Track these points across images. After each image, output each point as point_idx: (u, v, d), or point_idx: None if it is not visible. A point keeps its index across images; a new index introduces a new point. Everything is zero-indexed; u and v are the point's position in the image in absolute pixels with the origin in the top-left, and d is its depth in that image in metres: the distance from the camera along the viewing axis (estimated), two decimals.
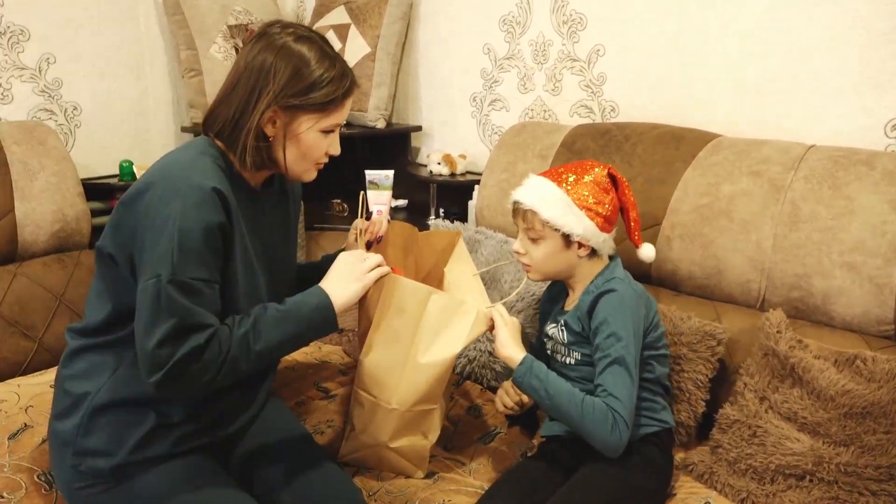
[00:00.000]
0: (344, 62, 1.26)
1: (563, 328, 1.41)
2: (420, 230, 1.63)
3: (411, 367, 1.33)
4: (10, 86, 2.19)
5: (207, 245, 1.15)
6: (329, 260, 1.55)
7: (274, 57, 1.19)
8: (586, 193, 1.35)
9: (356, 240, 1.44)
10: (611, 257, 1.44)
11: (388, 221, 1.52)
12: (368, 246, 1.48)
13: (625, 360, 1.27)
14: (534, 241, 1.38)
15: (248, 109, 1.19)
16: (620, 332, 1.29)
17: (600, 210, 1.35)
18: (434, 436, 1.42)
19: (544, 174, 1.41)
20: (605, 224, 1.36)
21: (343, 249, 1.50)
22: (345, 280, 1.28)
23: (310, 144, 1.24)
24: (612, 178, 1.39)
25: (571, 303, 1.43)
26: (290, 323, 1.21)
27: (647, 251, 1.47)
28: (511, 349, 1.31)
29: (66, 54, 2.30)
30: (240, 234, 1.23)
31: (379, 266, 1.31)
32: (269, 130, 1.22)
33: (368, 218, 1.50)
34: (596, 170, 1.38)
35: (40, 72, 2.25)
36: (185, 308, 1.12)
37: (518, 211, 1.39)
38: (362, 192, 1.53)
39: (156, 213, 1.13)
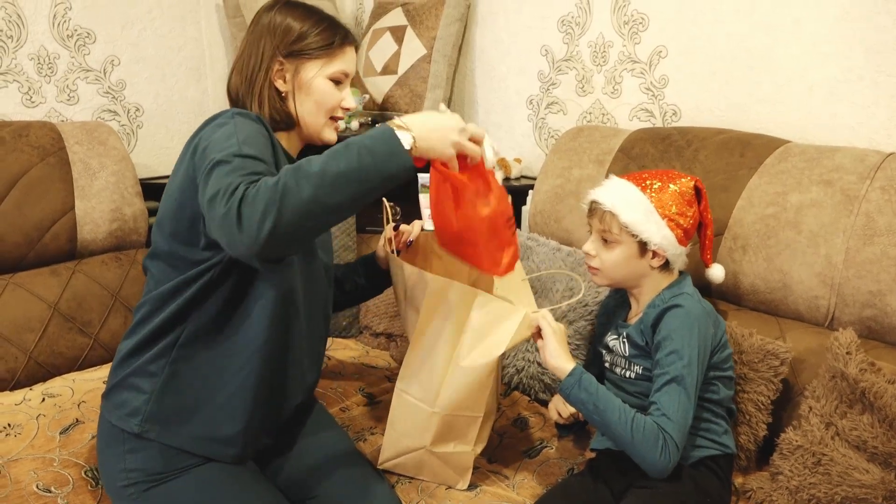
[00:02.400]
0: (335, 18, 1.33)
1: (625, 341, 1.35)
2: None
3: (453, 369, 1.30)
4: (76, 87, 2.25)
5: (265, 148, 1.16)
6: (364, 262, 1.56)
7: (265, 27, 1.29)
8: (670, 203, 1.30)
9: (384, 246, 1.44)
10: (680, 272, 1.38)
11: (422, 229, 1.53)
12: (396, 254, 1.47)
13: (684, 380, 1.21)
14: (607, 243, 1.32)
15: (257, 68, 1.27)
16: (683, 350, 1.23)
17: (682, 222, 1.30)
18: (480, 446, 1.39)
19: (626, 177, 1.37)
20: (684, 237, 1.32)
21: (374, 253, 1.53)
22: (435, 125, 1.11)
23: (321, 93, 1.29)
24: (697, 192, 1.35)
25: (635, 315, 1.38)
26: (352, 149, 1.03)
27: (716, 272, 1.44)
28: (560, 359, 1.25)
29: (130, 56, 2.35)
30: None
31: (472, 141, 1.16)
32: (280, 86, 1.28)
33: (397, 227, 1.49)
34: (683, 180, 1.33)
35: (105, 73, 2.30)
36: (250, 165, 1.05)
37: (595, 211, 1.34)
38: (384, 200, 1.50)
39: (212, 134, 1.14)
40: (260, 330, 1.24)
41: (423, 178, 2.25)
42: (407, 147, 1.06)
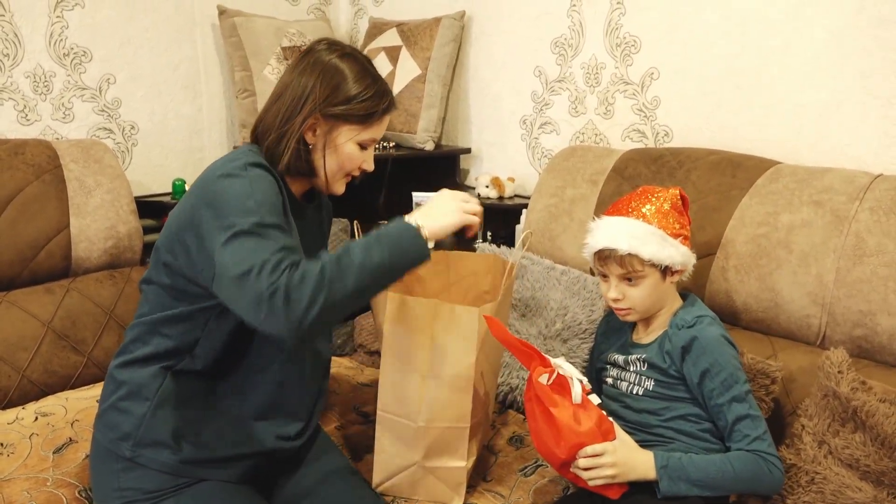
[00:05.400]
0: (384, 81, 1.32)
1: (642, 361, 1.37)
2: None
3: (429, 381, 1.31)
4: (71, 105, 2.25)
5: (280, 210, 1.18)
6: None
7: (319, 72, 1.26)
8: (671, 220, 1.34)
9: None
10: (685, 295, 1.42)
11: None
12: None
13: (746, 398, 1.26)
14: (631, 282, 1.34)
15: (292, 116, 1.26)
16: (734, 373, 1.27)
17: (685, 232, 1.36)
18: (471, 460, 1.39)
19: (615, 213, 1.38)
20: (690, 244, 1.37)
21: None
22: (438, 211, 1.21)
23: (348, 155, 1.30)
24: (682, 199, 1.40)
25: (647, 336, 1.40)
26: (382, 244, 1.12)
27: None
28: (636, 470, 1.22)
29: (126, 75, 2.36)
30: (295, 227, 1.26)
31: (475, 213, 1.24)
32: (309, 138, 1.28)
33: None
34: (667, 194, 1.37)
35: (100, 91, 2.31)
36: (276, 238, 1.10)
37: (609, 258, 1.33)
38: (356, 221, 1.52)
39: (227, 188, 1.15)
40: (256, 359, 1.26)
41: (418, 196, 2.27)
42: (425, 238, 1.16)
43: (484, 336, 1.31)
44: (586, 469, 1.20)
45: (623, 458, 1.21)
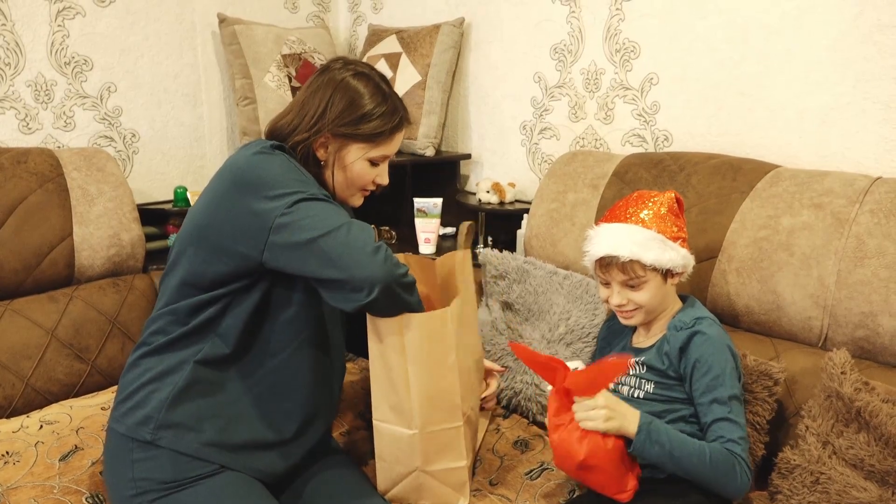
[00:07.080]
0: (397, 99, 1.37)
1: (642, 364, 1.38)
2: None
3: (414, 387, 1.32)
4: (72, 113, 2.26)
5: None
6: None
7: (332, 90, 1.32)
8: (670, 224, 1.35)
9: None
10: (685, 297, 1.43)
11: None
12: None
13: (733, 401, 1.27)
14: (634, 287, 1.35)
15: (304, 132, 1.31)
16: (725, 374, 1.28)
17: (683, 235, 1.37)
18: (471, 457, 1.41)
19: (613, 220, 1.39)
20: (689, 246, 1.39)
21: None
22: None
23: (357, 173, 1.35)
24: (677, 202, 1.41)
25: (647, 339, 1.41)
26: None
27: None
28: (614, 419, 1.21)
29: (127, 83, 2.37)
30: None
31: None
32: (320, 154, 1.33)
33: None
34: (664, 198, 1.38)
35: (101, 100, 2.32)
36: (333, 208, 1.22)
37: (612, 265, 1.35)
38: (373, 226, 1.54)
39: (256, 164, 1.23)
40: (281, 345, 1.28)
41: (420, 202, 2.28)
42: None
43: (458, 335, 1.32)
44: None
45: (613, 403, 1.21)
